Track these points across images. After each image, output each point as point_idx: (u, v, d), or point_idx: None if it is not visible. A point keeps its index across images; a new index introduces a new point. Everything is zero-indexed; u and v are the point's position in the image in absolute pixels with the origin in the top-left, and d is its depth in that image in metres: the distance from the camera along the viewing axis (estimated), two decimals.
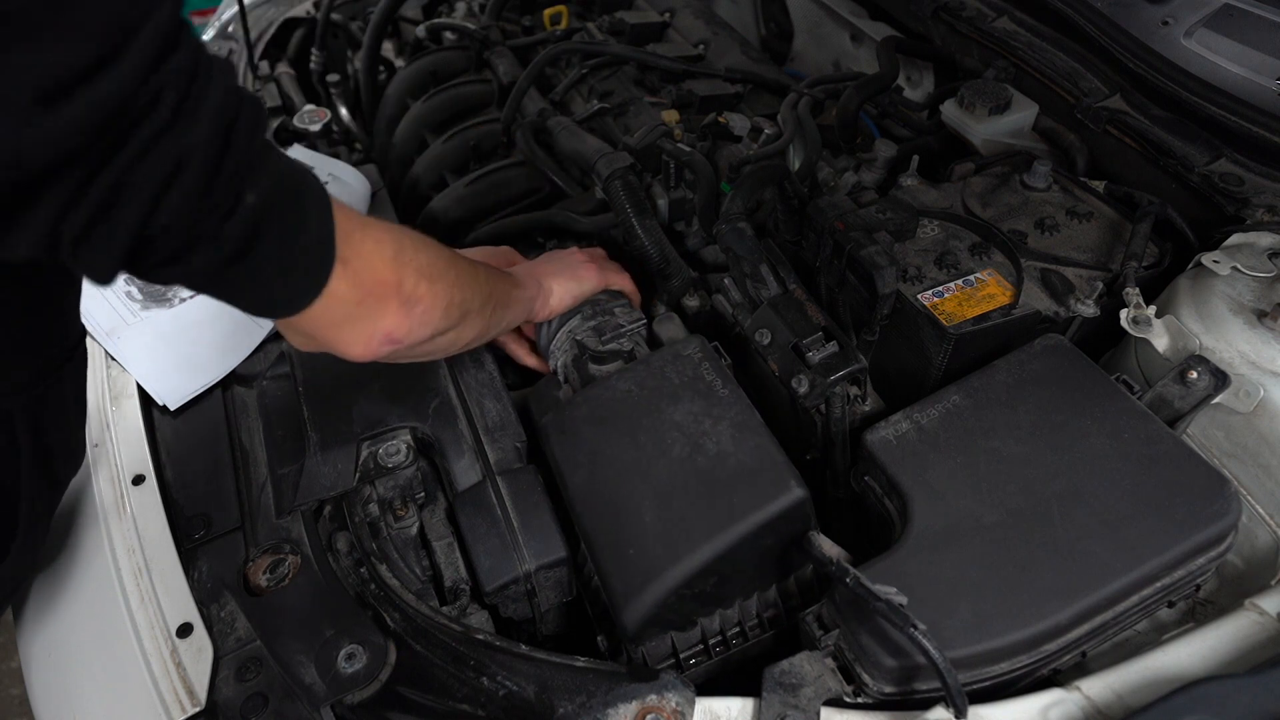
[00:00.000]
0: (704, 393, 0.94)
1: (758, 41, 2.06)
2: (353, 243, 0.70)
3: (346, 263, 0.69)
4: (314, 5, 2.03)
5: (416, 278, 0.76)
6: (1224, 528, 0.80)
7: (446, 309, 0.81)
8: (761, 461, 0.87)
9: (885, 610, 0.71)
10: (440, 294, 0.79)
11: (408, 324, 0.77)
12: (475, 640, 0.83)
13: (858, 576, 0.74)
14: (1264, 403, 0.88)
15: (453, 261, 0.83)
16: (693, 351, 0.99)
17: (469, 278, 0.86)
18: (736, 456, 0.88)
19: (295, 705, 0.79)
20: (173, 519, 0.96)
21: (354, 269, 0.70)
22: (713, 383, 0.95)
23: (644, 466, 0.89)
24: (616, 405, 0.95)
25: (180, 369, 1.12)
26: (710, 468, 0.87)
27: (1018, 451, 0.86)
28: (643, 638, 0.85)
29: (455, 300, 0.82)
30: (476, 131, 1.61)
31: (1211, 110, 1.15)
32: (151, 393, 1.10)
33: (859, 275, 1.02)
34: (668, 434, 0.91)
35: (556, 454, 0.95)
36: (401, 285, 0.75)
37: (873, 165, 1.32)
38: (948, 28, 1.48)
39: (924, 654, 0.69)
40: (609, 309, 1.10)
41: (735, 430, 0.90)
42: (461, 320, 0.85)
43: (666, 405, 0.93)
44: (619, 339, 1.06)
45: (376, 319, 0.74)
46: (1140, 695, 0.73)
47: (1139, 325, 0.94)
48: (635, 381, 0.97)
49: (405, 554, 0.97)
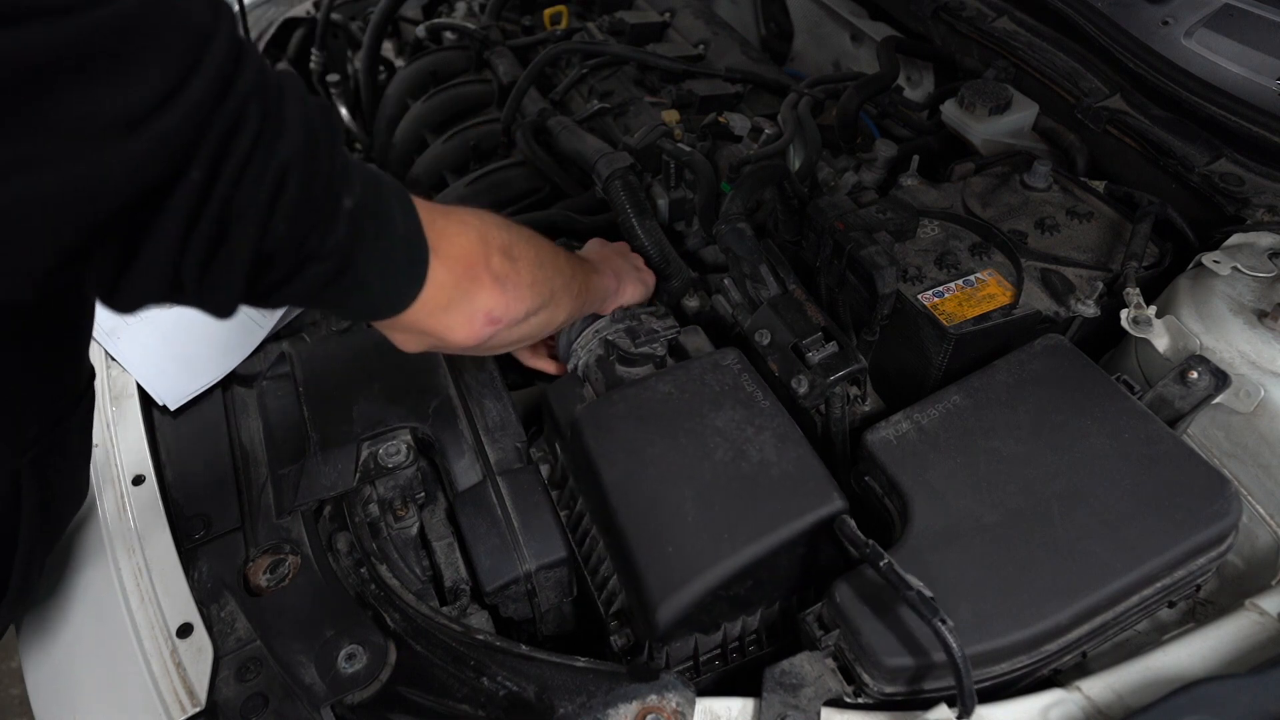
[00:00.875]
0: (745, 402, 0.93)
1: (758, 41, 2.06)
2: (439, 229, 0.70)
3: (438, 250, 0.69)
4: (314, 5, 2.03)
5: (502, 256, 0.77)
6: (1224, 528, 0.80)
7: (534, 285, 0.81)
8: (804, 472, 0.87)
9: (915, 600, 0.71)
10: (525, 270, 0.80)
11: (504, 300, 0.77)
12: (475, 640, 0.83)
13: (891, 562, 0.74)
14: (1264, 403, 0.88)
15: (532, 240, 0.83)
16: (732, 362, 0.98)
17: (550, 257, 0.86)
18: (780, 466, 0.88)
19: (295, 705, 0.79)
20: (173, 519, 0.96)
21: (446, 254, 0.70)
22: (753, 394, 0.94)
23: (686, 467, 0.88)
24: (657, 405, 0.94)
25: (180, 369, 1.12)
26: (754, 474, 0.87)
27: (1018, 451, 0.86)
28: (671, 637, 0.84)
29: (541, 278, 0.82)
30: (476, 131, 1.61)
31: (1211, 110, 1.15)
32: (151, 393, 1.10)
33: (859, 275, 1.02)
34: (710, 438, 0.90)
35: (591, 447, 0.92)
36: (490, 263, 0.75)
37: (873, 165, 1.32)
38: (948, 28, 1.48)
39: (945, 649, 0.69)
40: (637, 314, 1.09)
41: (778, 440, 0.90)
42: (551, 299, 0.85)
43: (708, 410, 0.93)
44: (653, 343, 1.04)
45: (474, 299, 0.75)
46: (1140, 695, 0.73)
47: (1139, 325, 0.94)
48: (675, 385, 0.96)
49: (405, 554, 0.96)
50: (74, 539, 0.96)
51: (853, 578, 0.79)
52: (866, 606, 0.77)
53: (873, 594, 0.77)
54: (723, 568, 0.81)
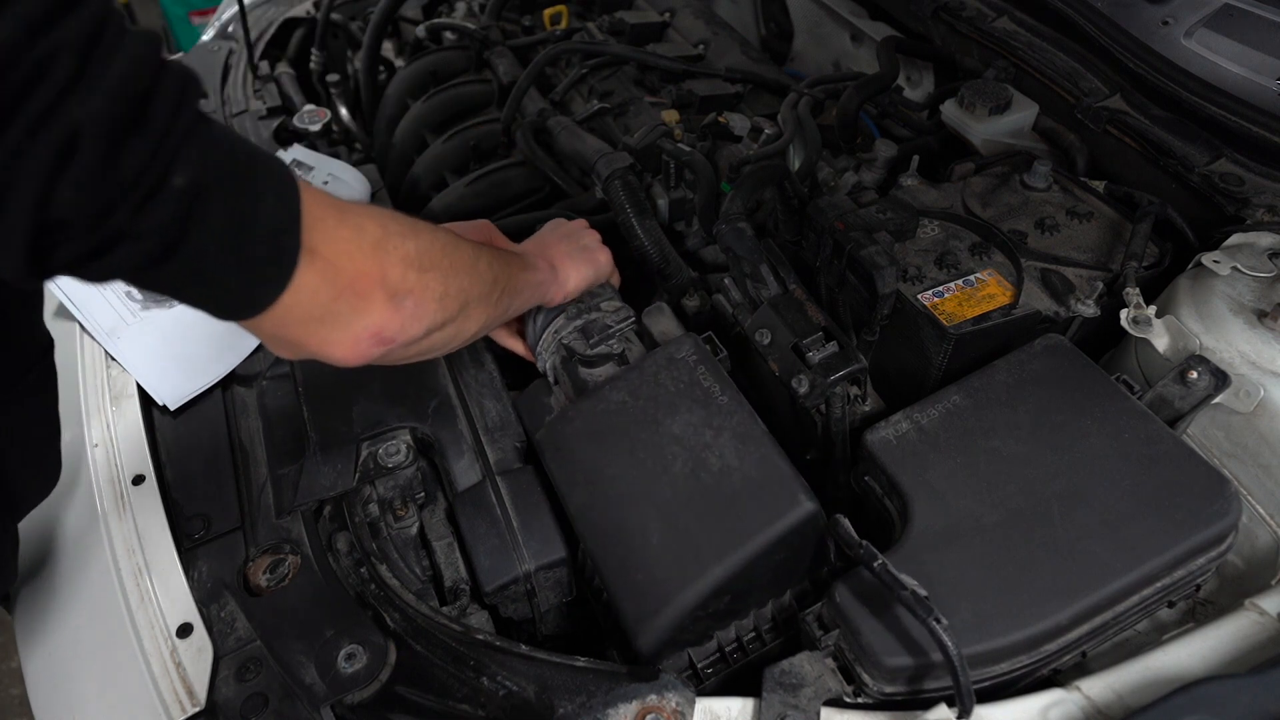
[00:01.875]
0: (702, 400, 0.91)
1: (758, 41, 2.06)
2: (324, 230, 0.62)
3: (316, 253, 0.62)
4: (314, 5, 2.03)
5: (404, 268, 0.68)
6: (1224, 528, 0.80)
7: (442, 301, 0.73)
8: (768, 475, 0.85)
9: (910, 600, 0.71)
10: (434, 285, 0.72)
11: (398, 320, 0.69)
12: (475, 640, 0.83)
13: (885, 562, 0.74)
14: (1264, 403, 0.88)
15: (449, 248, 0.76)
16: (686, 354, 0.95)
17: (468, 265, 0.78)
18: (741, 470, 0.85)
19: (295, 705, 0.79)
20: (173, 519, 0.96)
21: (327, 260, 0.63)
22: (710, 389, 0.92)
23: (645, 485, 0.86)
24: (611, 418, 0.92)
25: (180, 369, 1.12)
26: (715, 484, 0.85)
27: (1018, 451, 0.86)
28: (660, 657, 0.84)
29: (452, 290, 0.75)
30: (476, 131, 1.61)
31: (1211, 110, 1.15)
32: (151, 393, 1.10)
33: (859, 275, 1.02)
34: (667, 449, 0.88)
35: (554, 472, 0.93)
36: (386, 277, 0.67)
37: (873, 165, 1.32)
38: (948, 28, 1.48)
39: (940, 648, 0.69)
40: (594, 304, 1.05)
41: (738, 441, 0.87)
42: (461, 312, 0.77)
43: (664, 416, 0.90)
44: (607, 340, 1.02)
45: (360, 316, 0.66)
46: (1140, 695, 0.73)
47: (1139, 325, 0.94)
48: (629, 391, 0.94)
49: (405, 554, 0.97)
50: (74, 539, 0.96)
51: (852, 578, 0.79)
52: (866, 606, 0.77)
53: (872, 594, 0.77)
54: (694, 591, 0.80)
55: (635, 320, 1.04)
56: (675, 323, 1.05)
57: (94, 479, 1.00)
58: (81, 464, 1.02)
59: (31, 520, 0.98)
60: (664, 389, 0.93)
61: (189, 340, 1.16)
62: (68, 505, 0.99)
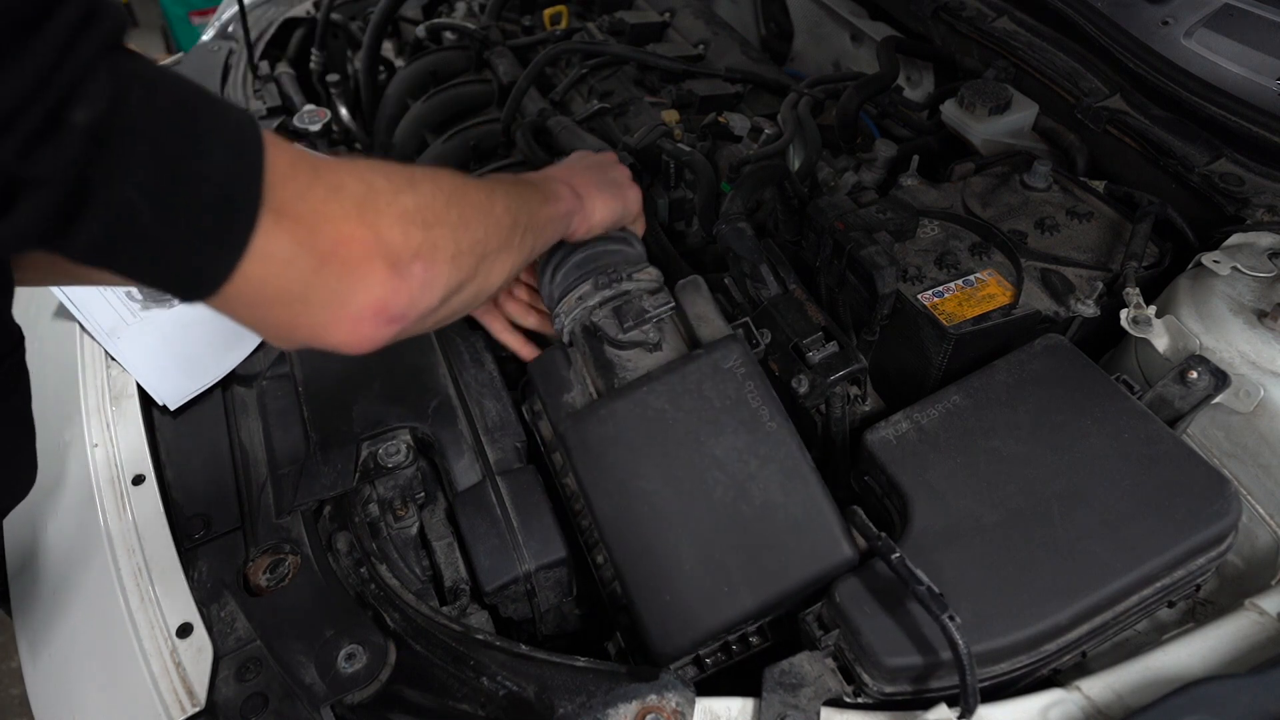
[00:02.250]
0: (749, 424, 0.86)
1: (758, 41, 2.06)
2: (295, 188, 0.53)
3: (284, 214, 0.52)
4: (314, 5, 2.03)
5: (404, 227, 0.58)
6: (1224, 528, 0.80)
7: (455, 259, 0.63)
8: (812, 517, 0.82)
9: (925, 595, 0.71)
10: (443, 242, 0.62)
11: (406, 291, 0.59)
12: (475, 640, 0.83)
13: (902, 556, 0.74)
14: (1264, 403, 0.88)
15: (456, 195, 0.65)
16: (734, 364, 0.88)
17: (481, 211, 0.67)
18: (786, 509, 0.82)
19: (295, 705, 0.79)
20: (173, 519, 0.96)
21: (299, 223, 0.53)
22: (759, 412, 0.86)
23: (682, 507, 0.83)
24: (649, 427, 0.87)
25: (180, 369, 1.12)
26: (756, 518, 0.82)
27: (1018, 451, 0.86)
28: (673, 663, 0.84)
29: (465, 245, 0.64)
30: (476, 131, 1.61)
31: (1211, 110, 1.15)
32: (152, 393, 1.10)
33: (859, 275, 1.02)
34: (708, 472, 0.84)
35: (581, 476, 0.89)
36: (382, 240, 0.57)
37: (873, 165, 1.32)
38: (948, 28, 1.48)
39: (951, 646, 0.69)
40: (624, 272, 0.95)
41: (784, 477, 0.84)
42: (480, 267, 0.67)
43: (707, 436, 0.86)
44: (642, 325, 0.93)
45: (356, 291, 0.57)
46: (1140, 695, 0.73)
47: (1139, 325, 0.94)
48: (670, 399, 0.88)
49: (405, 554, 0.97)
50: (74, 539, 0.96)
51: (853, 577, 0.79)
52: (866, 606, 0.77)
53: (873, 594, 0.77)
54: (721, 621, 0.80)
55: (673, 307, 0.95)
56: (712, 305, 0.96)
57: (94, 479, 1.00)
58: (81, 464, 1.02)
59: (31, 520, 0.99)
60: (708, 403, 0.87)
61: (189, 340, 1.16)
62: (68, 505, 0.99)
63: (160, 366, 1.13)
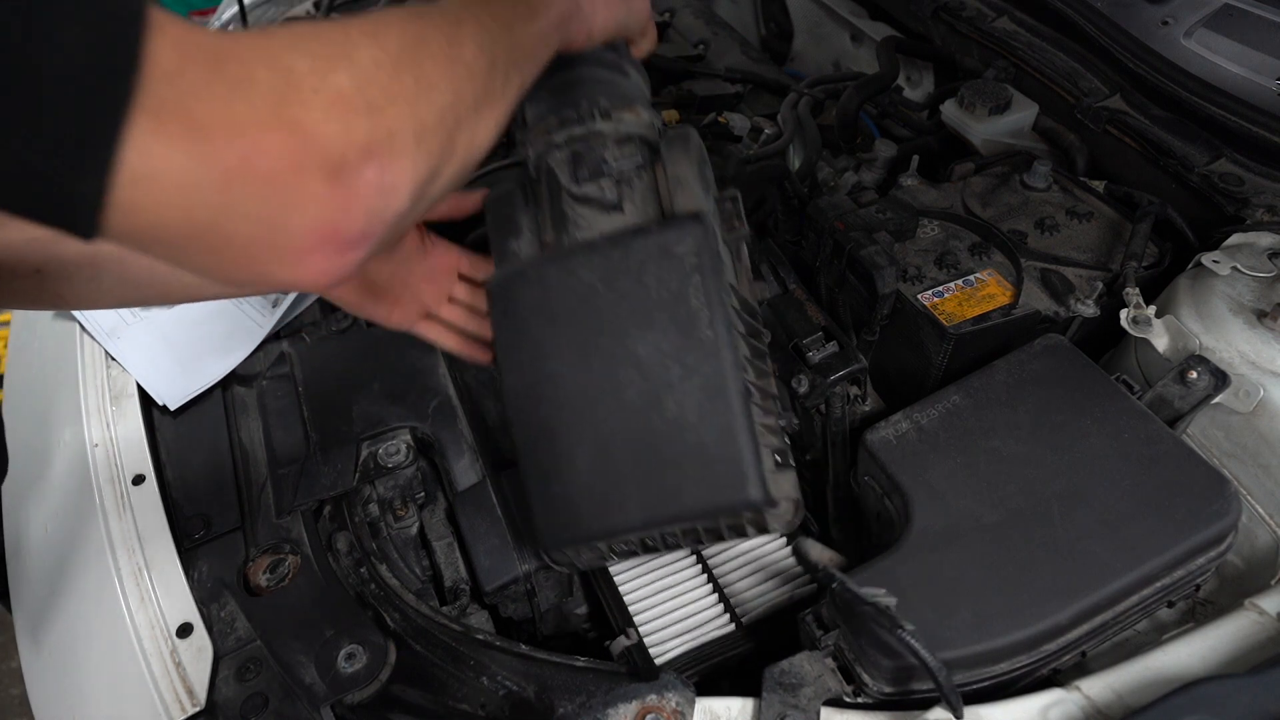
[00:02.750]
0: (683, 326, 0.74)
1: (758, 41, 2.06)
2: (186, 84, 0.40)
3: (168, 119, 0.40)
4: (314, 5, 2.03)
5: (343, 117, 0.44)
6: (1224, 528, 0.80)
7: (420, 142, 0.49)
8: (724, 447, 0.73)
9: (873, 614, 0.71)
10: (400, 125, 0.47)
11: (360, 205, 0.46)
12: (475, 640, 0.83)
13: (844, 581, 0.74)
14: (1264, 403, 0.88)
15: (409, 50, 0.50)
16: (687, 250, 0.74)
17: (447, 62, 0.52)
18: (697, 431, 0.73)
19: (295, 705, 0.79)
20: (173, 519, 0.96)
21: (192, 130, 0.40)
22: (697, 312, 0.74)
23: (589, 401, 0.76)
24: (574, 302, 0.76)
25: (180, 369, 1.12)
26: (665, 432, 0.74)
27: (1018, 451, 0.86)
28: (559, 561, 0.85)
29: (431, 119, 0.50)
30: None
31: (1211, 110, 1.15)
32: (152, 393, 1.10)
33: (859, 275, 1.02)
34: (625, 369, 0.75)
35: (497, 335, 0.81)
36: (314, 141, 0.43)
37: (873, 165, 1.32)
38: (948, 28, 1.48)
39: (914, 655, 0.69)
40: (602, 111, 0.78)
41: (704, 396, 0.74)
42: (455, 137, 0.52)
43: (634, 328, 0.75)
44: (599, 179, 0.79)
45: (290, 215, 0.44)
46: (1140, 695, 0.73)
47: (1139, 325, 0.94)
48: (603, 276, 0.76)
49: (405, 554, 0.97)
50: (74, 539, 0.96)
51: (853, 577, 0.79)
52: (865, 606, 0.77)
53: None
54: (603, 532, 0.78)
55: (643, 164, 0.80)
56: (697, 166, 0.79)
57: (94, 479, 1.00)
58: (82, 464, 1.02)
59: (32, 520, 0.99)
60: (645, 291, 0.75)
61: (189, 340, 1.16)
62: (68, 505, 0.99)
63: (160, 366, 1.13)
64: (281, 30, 0.46)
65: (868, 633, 0.75)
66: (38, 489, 1.03)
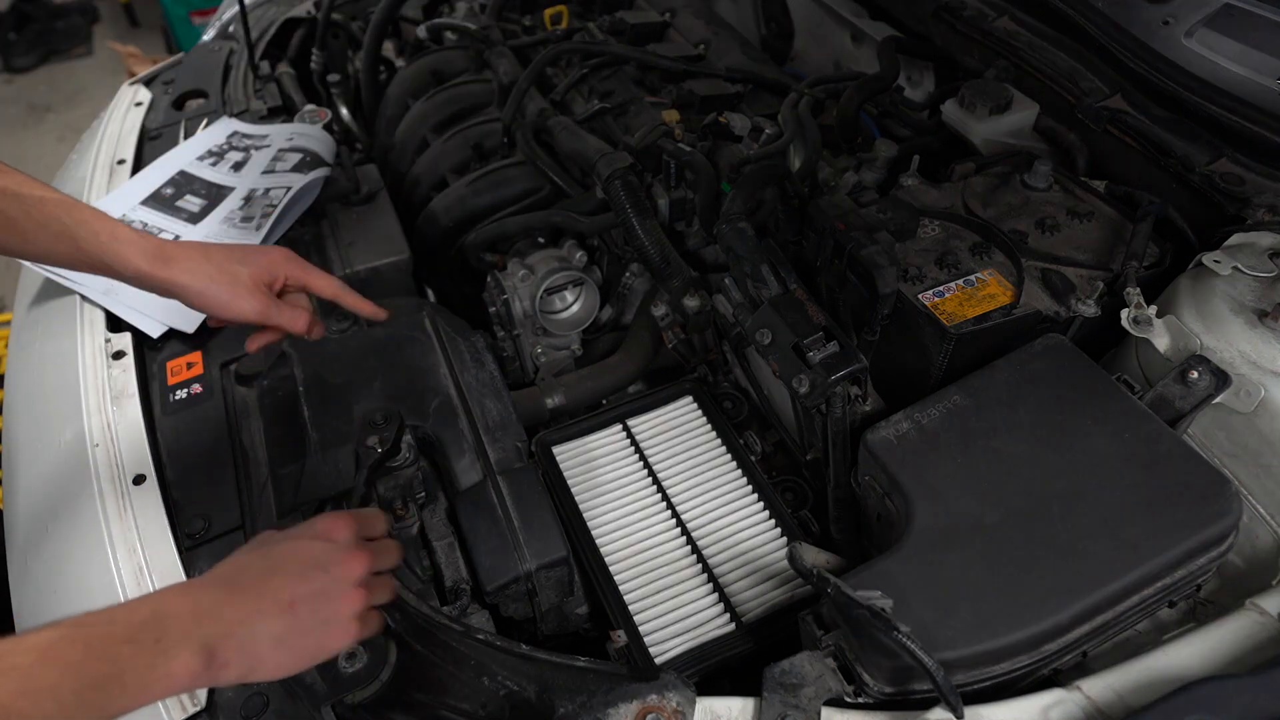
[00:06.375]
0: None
1: (758, 41, 2.06)
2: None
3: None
4: (314, 5, 2.03)
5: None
6: (1225, 527, 0.80)
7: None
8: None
9: (868, 617, 0.71)
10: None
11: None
12: (475, 640, 0.83)
13: (838, 585, 0.74)
14: (1265, 403, 0.88)
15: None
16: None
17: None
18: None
19: (295, 705, 0.79)
20: (173, 519, 0.96)
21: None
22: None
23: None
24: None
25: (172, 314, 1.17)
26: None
27: (1018, 451, 0.86)
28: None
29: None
30: (477, 131, 1.61)
31: (1212, 110, 1.15)
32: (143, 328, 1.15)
33: (859, 275, 1.02)
34: None
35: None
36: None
37: (873, 165, 1.32)
38: (948, 28, 1.48)
39: (911, 657, 0.69)
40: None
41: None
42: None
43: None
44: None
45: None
46: (1141, 695, 0.73)
47: (1140, 325, 0.94)
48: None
49: (406, 553, 0.96)
50: (74, 539, 0.96)
51: (852, 578, 0.79)
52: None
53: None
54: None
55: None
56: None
57: (94, 479, 1.00)
58: (82, 464, 1.02)
59: (32, 520, 0.99)
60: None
61: None
62: (68, 505, 0.99)
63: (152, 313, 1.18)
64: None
65: (867, 633, 0.75)
66: (38, 489, 1.03)
